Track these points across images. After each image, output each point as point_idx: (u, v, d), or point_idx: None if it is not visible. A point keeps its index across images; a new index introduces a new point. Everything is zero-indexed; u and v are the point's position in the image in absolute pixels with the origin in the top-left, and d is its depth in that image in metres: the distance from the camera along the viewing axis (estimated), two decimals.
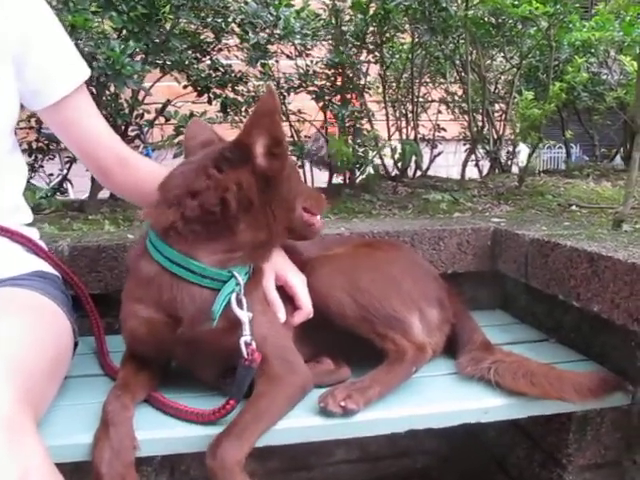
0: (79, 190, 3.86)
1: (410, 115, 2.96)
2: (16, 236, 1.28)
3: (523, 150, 3.35)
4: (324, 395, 1.20)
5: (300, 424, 1.20)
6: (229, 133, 1.60)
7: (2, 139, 1.29)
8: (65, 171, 2.95)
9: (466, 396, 1.31)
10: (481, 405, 1.29)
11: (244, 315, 1.17)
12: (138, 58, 2.15)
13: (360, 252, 1.49)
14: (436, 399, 1.31)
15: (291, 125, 2.77)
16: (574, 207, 2.26)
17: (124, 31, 2.00)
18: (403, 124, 3.01)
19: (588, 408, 1.36)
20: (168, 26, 2.16)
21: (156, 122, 2.69)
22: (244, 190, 1.17)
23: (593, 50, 2.94)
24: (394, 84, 3.08)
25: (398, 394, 1.28)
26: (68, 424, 1.18)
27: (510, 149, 3.15)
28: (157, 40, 2.13)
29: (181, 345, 1.22)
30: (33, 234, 1.36)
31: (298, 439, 1.21)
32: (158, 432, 1.17)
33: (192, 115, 2.28)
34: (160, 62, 2.18)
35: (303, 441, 1.21)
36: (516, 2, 2.41)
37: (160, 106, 2.54)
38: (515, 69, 2.87)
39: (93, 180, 2.29)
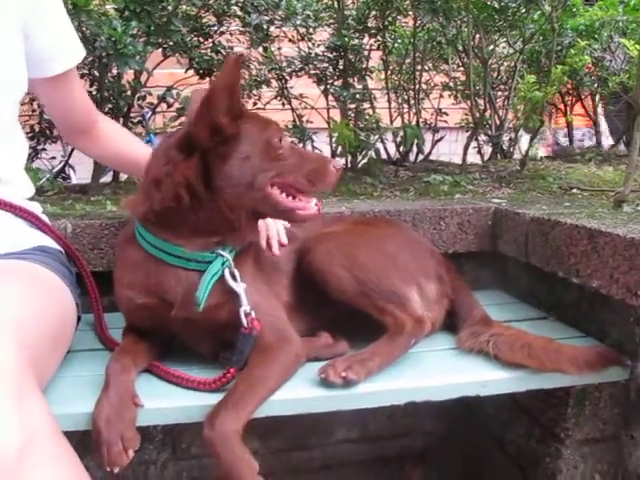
0: (81, 177, 3.89)
1: (412, 100, 2.96)
2: (19, 211, 1.28)
3: (524, 137, 3.36)
4: (325, 366, 1.21)
5: (301, 395, 1.21)
6: None
7: (10, 108, 1.30)
8: (67, 157, 2.96)
9: (465, 370, 1.32)
10: (480, 378, 1.30)
11: (239, 287, 1.20)
12: (140, 40, 2.15)
13: (358, 229, 1.50)
14: (436, 372, 1.32)
15: (293, 109, 2.78)
16: (575, 190, 2.26)
17: (126, 12, 2.00)
18: (405, 109, 3.01)
19: (586, 382, 1.37)
20: (170, 8, 2.16)
21: (158, 109, 2.70)
22: (191, 182, 1.16)
23: (596, 35, 2.94)
24: (397, 69, 3.08)
25: (398, 367, 1.30)
26: (70, 394, 1.19)
27: (512, 135, 3.15)
28: (158, 21, 2.13)
29: (177, 324, 1.24)
30: (36, 208, 1.37)
31: (299, 410, 1.21)
32: (157, 402, 1.18)
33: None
34: (162, 43, 2.18)
35: (304, 412, 1.21)
36: None
37: (162, 93, 2.55)
38: (518, 54, 2.87)
39: (96, 163, 2.30)
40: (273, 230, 1.40)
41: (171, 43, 2.21)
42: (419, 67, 2.96)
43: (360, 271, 1.33)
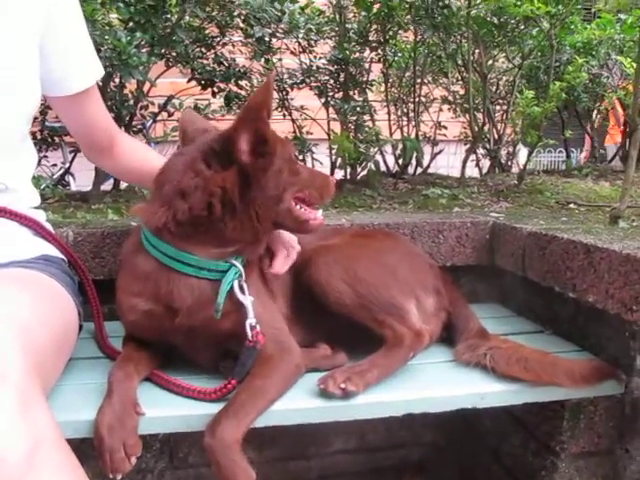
0: (81, 185, 3.90)
1: (412, 113, 2.99)
2: (24, 219, 1.30)
3: (522, 152, 3.38)
4: (324, 377, 1.22)
5: (300, 405, 1.22)
6: None
7: (23, 123, 1.31)
8: (68, 164, 2.98)
9: (463, 382, 1.34)
10: (478, 391, 1.31)
11: (247, 300, 1.21)
12: (144, 50, 2.18)
13: (357, 242, 1.52)
14: (433, 384, 1.33)
15: (293, 121, 2.80)
16: (572, 205, 2.29)
17: (130, 22, 2.03)
18: (404, 122, 3.04)
19: (582, 396, 1.38)
20: (174, 19, 2.19)
21: (159, 118, 2.72)
22: (228, 193, 1.19)
23: (594, 52, 2.98)
24: (396, 82, 3.11)
25: (396, 379, 1.31)
26: (71, 402, 1.20)
27: (510, 149, 3.18)
28: (162, 32, 2.15)
29: (179, 333, 1.25)
30: (40, 217, 1.39)
31: (298, 420, 1.23)
32: (158, 410, 1.19)
33: (197, 107, 2.31)
34: (165, 53, 2.21)
35: (302, 422, 1.22)
36: (518, 2, 2.44)
37: (163, 102, 2.57)
38: (516, 69, 2.90)
39: (97, 171, 2.32)
40: (293, 242, 1.42)
41: (174, 54, 2.23)
42: (419, 80, 2.99)
43: (359, 284, 1.35)
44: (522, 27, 2.72)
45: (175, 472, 1.90)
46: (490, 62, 2.97)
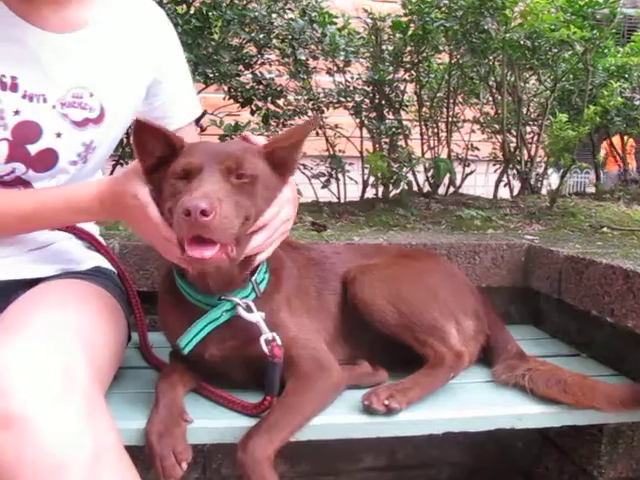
0: None
1: (443, 133, 3.03)
2: (81, 233, 1.36)
3: (552, 174, 3.40)
4: (368, 394, 1.25)
5: (342, 421, 1.25)
6: None
7: (108, 154, 1.40)
8: None
9: (501, 403, 1.35)
10: (515, 412, 1.32)
11: (256, 316, 1.20)
12: None
13: (400, 262, 1.54)
14: (472, 404, 1.35)
15: (327, 139, 2.85)
16: (605, 229, 2.29)
17: None
18: (436, 142, 3.08)
19: (620, 421, 1.39)
20: (216, 38, 2.26)
21: None
22: None
23: (627, 75, 2.99)
24: (428, 103, 3.15)
25: (436, 398, 1.33)
26: (119, 410, 1.22)
27: (540, 171, 3.19)
28: (205, 52, 2.22)
29: (213, 361, 1.27)
30: (95, 231, 1.44)
31: (339, 435, 1.25)
32: (202, 422, 1.22)
33: (237, 125, 2.36)
34: (209, 73, 2.27)
35: (344, 437, 1.25)
36: (553, 27, 2.47)
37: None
38: (549, 92, 2.92)
39: None
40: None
41: (217, 73, 2.29)
42: (451, 101, 3.02)
43: (403, 304, 1.37)
44: (555, 50, 2.74)
45: None
46: (522, 84, 3.00)
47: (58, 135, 1.24)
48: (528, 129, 3.25)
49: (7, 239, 1.26)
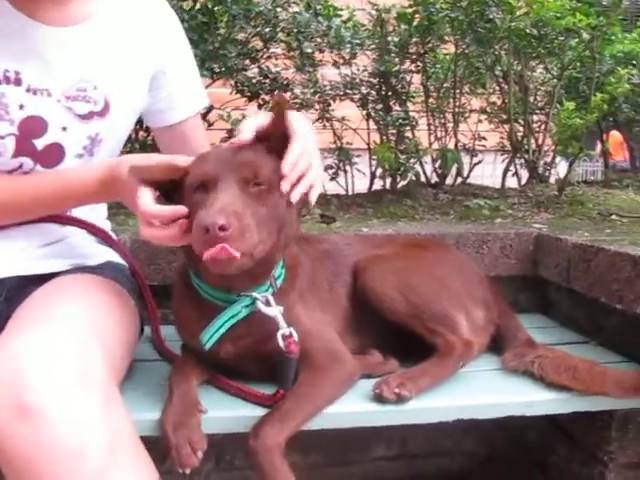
0: None
1: (450, 124, 3.02)
2: (93, 228, 1.38)
3: (560, 162, 3.38)
4: (378, 382, 1.26)
5: (353, 409, 1.26)
6: None
7: (118, 148, 1.42)
8: None
9: (511, 390, 1.37)
10: (526, 399, 1.33)
11: (275, 310, 1.21)
12: None
13: (410, 252, 1.55)
14: (482, 392, 1.36)
15: (334, 131, 2.85)
16: (614, 216, 2.29)
17: None
18: (443, 132, 3.07)
19: (631, 407, 1.39)
20: (222, 33, 2.26)
21: None
22: None
23: (635, 62, 2.97)
24: (434, 93, 3.14)
25: (446, 386, 1.34)
26: (133, 402, 1.23)
27: (547, 159, 3.18)
28: (211, 47, 2.23)
29: (228, 358, 1.28)
30: (107, 226, 1.46)
31: (350, 424, 1.27)
32: (215, 412, 1.23)
33: (244, 119, 2.36)
34: (216, 68, 2.28)
35: (355, 426, 1.27)
36: (559, 15, 2.46)
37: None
38: (555, 80, 2.91)
39: None
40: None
41: (223, 68, 2.30)
42: (457, 91, 3.01)
43: (413, 294, 1.39)
44: (562, 38, 2.73)
45: (221, 474, 1.94)
46: (528, 73, 2.99)
47: (64, 129, 1.26)
48: (535, 118, 3.24)
49: (19, 235, 1.28)
